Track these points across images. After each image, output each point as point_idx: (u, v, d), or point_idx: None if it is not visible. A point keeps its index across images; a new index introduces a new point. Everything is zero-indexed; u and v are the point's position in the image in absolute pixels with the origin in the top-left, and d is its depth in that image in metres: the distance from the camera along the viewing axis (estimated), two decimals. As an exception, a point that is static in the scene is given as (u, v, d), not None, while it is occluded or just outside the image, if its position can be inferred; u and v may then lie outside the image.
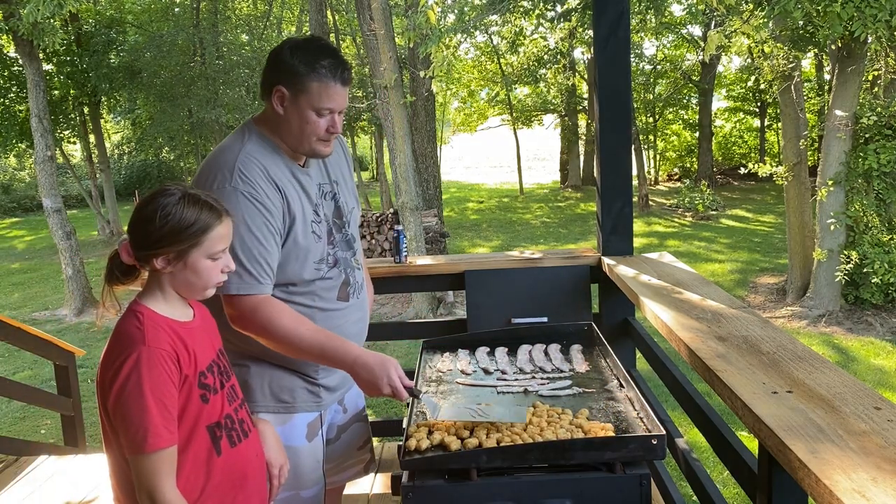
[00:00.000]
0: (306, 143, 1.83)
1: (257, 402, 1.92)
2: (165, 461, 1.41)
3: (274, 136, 1.86)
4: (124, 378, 1.39)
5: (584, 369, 2.26)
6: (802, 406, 1.48)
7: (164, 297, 1.52)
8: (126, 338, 1.44)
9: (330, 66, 1.77)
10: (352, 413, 2.19)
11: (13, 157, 23.10)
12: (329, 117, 1.80)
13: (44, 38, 9.54)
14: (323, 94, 1.77)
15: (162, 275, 1.51)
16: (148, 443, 1.38)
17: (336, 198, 1.97)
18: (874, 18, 6.78)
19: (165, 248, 1.47)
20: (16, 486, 3.52)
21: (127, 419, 1.39)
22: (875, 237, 8.95)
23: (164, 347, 1.44)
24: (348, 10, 16.87)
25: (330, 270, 1.92)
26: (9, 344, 4.10)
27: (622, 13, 2.93)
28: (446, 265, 3.20)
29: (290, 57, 1.77)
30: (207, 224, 1.49)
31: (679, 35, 19.84)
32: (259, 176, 1.77)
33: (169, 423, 1.41)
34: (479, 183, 27.01)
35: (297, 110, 1.78)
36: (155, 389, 1.40)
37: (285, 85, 1.78)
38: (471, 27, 10.40)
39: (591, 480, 1.70)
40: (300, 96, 1.77)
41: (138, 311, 1.49)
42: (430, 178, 13.64)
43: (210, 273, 1.53)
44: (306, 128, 1.80)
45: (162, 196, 1.49)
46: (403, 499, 1.68)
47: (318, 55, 1.77)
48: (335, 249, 1.94)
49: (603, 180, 3.07)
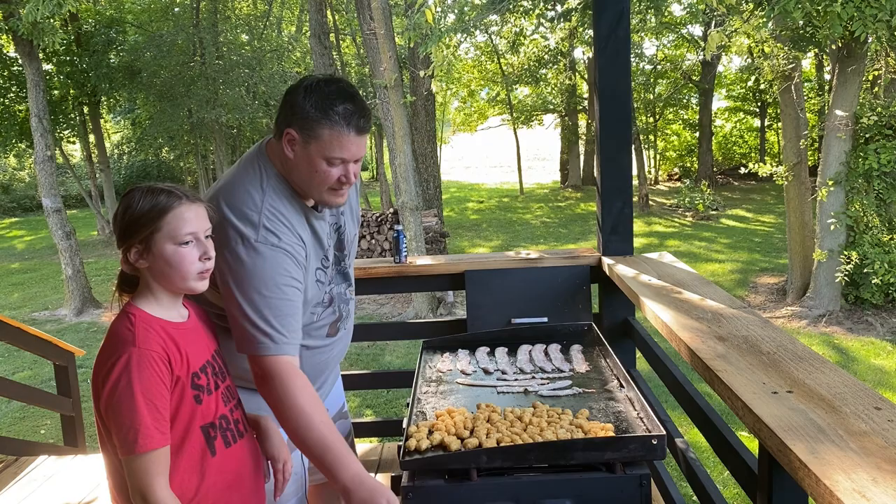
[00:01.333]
0: (315, 193, 1.72)
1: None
2: (157, 462, 1.41)
3: (286, 172, 1.75)
4: (115, 379, 1.40)
5: (584, 369, 2.26)
6: (803, 406, 1.48)
7: (155, 297, 1.53)
8: (117, 339, 1.45)
9: (345, 114, 1.63)
10: (333, 412, 2.13)
11: (13, 157, 23.09)
12: (341, 167, 1.68)
13: (43, 37, 9.53)
14: (335, 143, 1.64)
15: (143, 271, 1.52)
16: (139, 444, 1.39)
17: (340, 230, 1.90)
18: (874, 18, 6.78)
19: (131, 240, 1.49)
20: (16, 486, 3.52)
21: (118, 420, 1.40)
22: (875, 237, 8.95)
23: (154, 349, 1.44)
24: (348, 10, 16.87)
25: (324, 311, 1.86)
26: (9, 344, 4.10)
27: (622, 13, 2.93)
28: (446, 265, 3.20)
29: (304, 99, 1.64)
30: (165, 206, 1.49)
31: (679, 35, 19.84)
32: (284, 231, 1.68)
33: (160, 423, 1.42)
34: (479, 183, 27.02)
35: (306, 157, 1.66)
36: (145, 391, 1.40)
37: (296, 129, 1.65)
38: (471, 27, 10.40)
39: (591, 480, 1.69)
40: (311, 143, 1.64)
41: (130, 313, 1.50)
42: (430, 178, 13.64)
43: (182, 260, 1.49)
44: (315, 177, 1.67)
45: (131, 192, 1.53)
46: (403, 499, 1.68)
47: (334, 100, 1.63)
48: (331, 287, 1.87)
49: (603, 180, 3.07)
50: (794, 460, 1.28)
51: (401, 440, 1.83)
